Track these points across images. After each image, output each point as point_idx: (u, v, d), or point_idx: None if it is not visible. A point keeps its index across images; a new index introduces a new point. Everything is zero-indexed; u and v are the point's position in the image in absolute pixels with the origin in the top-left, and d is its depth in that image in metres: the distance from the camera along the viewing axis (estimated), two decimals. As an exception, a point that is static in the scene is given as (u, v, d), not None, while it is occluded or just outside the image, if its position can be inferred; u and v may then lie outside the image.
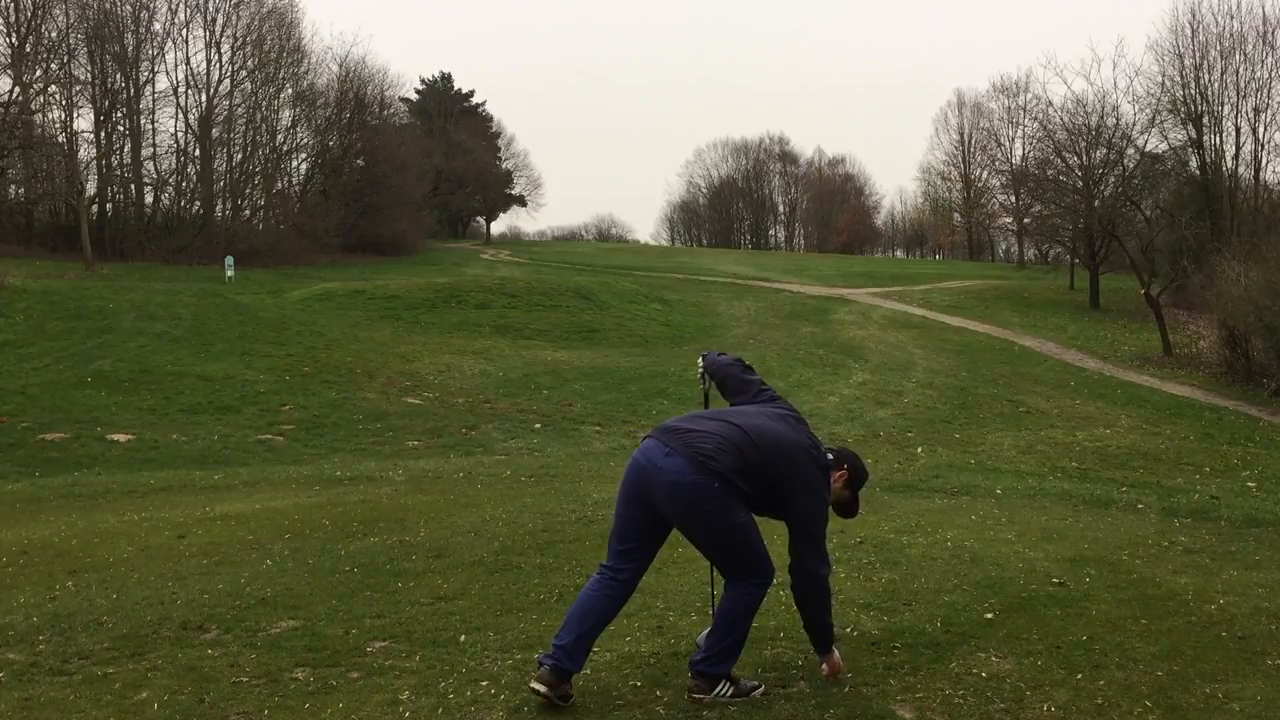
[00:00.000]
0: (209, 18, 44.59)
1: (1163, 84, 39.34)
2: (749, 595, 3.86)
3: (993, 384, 22.06)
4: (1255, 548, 6.83)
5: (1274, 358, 22.59)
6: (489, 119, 74.44)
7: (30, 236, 39.93)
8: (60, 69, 39.93)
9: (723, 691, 3.80)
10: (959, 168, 68.59)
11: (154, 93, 44.19)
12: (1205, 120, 39.48)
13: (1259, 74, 39.75)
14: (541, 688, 3.66)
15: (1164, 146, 38.70)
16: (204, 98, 44.54)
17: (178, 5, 44.15)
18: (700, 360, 4.48)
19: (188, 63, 45.07)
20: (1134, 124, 36.68)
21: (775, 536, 4.05)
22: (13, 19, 39.25)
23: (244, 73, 45.37)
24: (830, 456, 4.05)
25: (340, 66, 50.10)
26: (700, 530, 3.81)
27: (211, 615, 4.94)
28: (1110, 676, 4.08)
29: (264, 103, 46.21)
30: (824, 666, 4.03)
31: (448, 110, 69.38)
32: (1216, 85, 39.81)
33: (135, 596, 5.39)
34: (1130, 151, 36.45)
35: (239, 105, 45.36)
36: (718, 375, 4.35)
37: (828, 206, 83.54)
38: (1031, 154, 48.74)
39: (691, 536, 3.87)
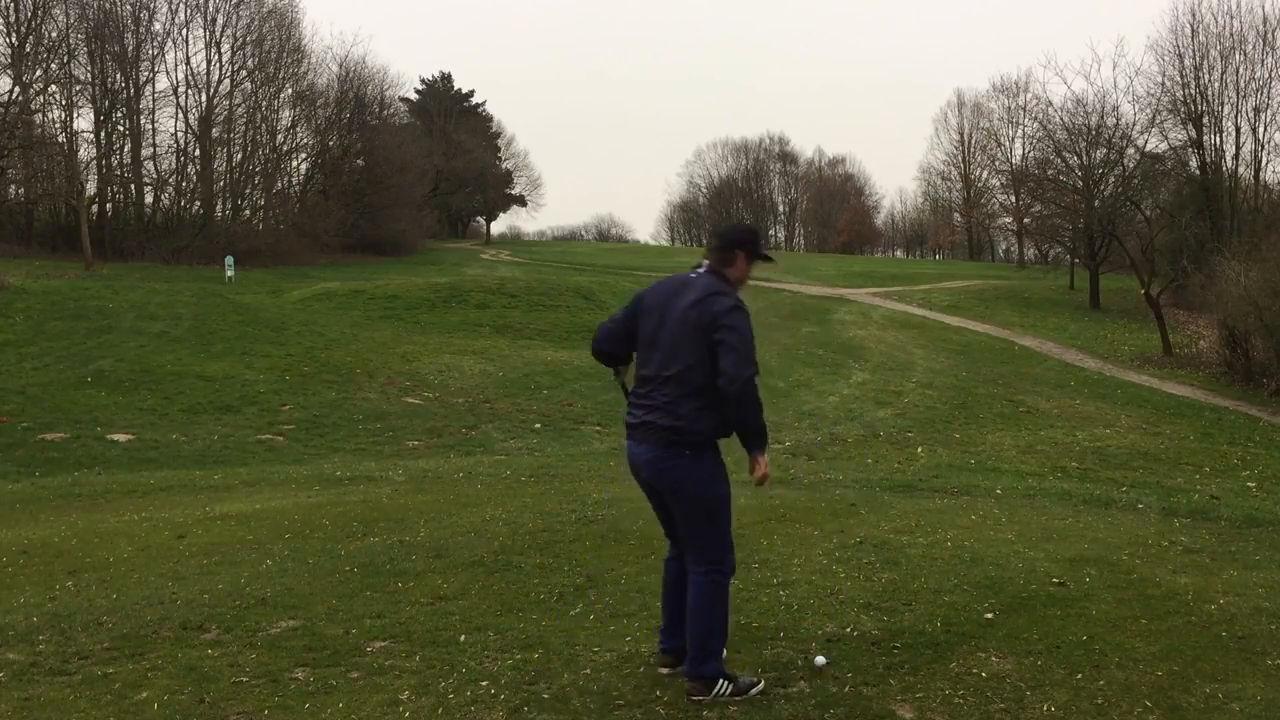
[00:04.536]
0: (209, 18, 44.63)
1: (1163, 84, 39.42)
2: (713, 583, 3.90)
3: (993, 384, 22.06)
4: (1255, 548, 6.82)
5: (1274, 358, 22.60)
6: (489, 119, 74.51)
7: (30, 236, 39.90)
8: (60, 69, 39.91)
9: (722, 690, 3.83)
10: (959, 168, 68.65)
11: (154, 93, 44.22)
12: (1205, 120, 39.50)
13: (1259, 74, 39.82)
14: (665, 670, 4.09)
15: (1164, 146, 38.79)
16: (204, 98, 44.56)
17: (178, 5, 44.18)
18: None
19: (188, 63, 45.12)
20: (1134, 124, 36.79)
21: (776, 538, 4.04)
22: (13, 19, 39.27)
23: (244, 73, 45.38)
24: (723, 272, 3.98)
25: (340, 66, 50.17)
26: (682, 501, 3.92)
27: (211, 615, 4.94)
28: (1110, 676, 4.08)
29: (264, 103, 46.22)
30: (753, 465, 3.92)
31: (448, 110, 69.39)
32: (1216, 85, 39.86)
33: (135, 596, 5.39)
34: (1130, 151, 36.52)
35: (239, 105, 45.38)
36: (608, 352, 4.20)
37: (828, 206, 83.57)
38: (1031, 154, 48.88)
39: (674, 508, 3.98)
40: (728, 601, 3.96)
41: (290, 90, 47.18)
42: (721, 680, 3.85)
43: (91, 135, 41.92)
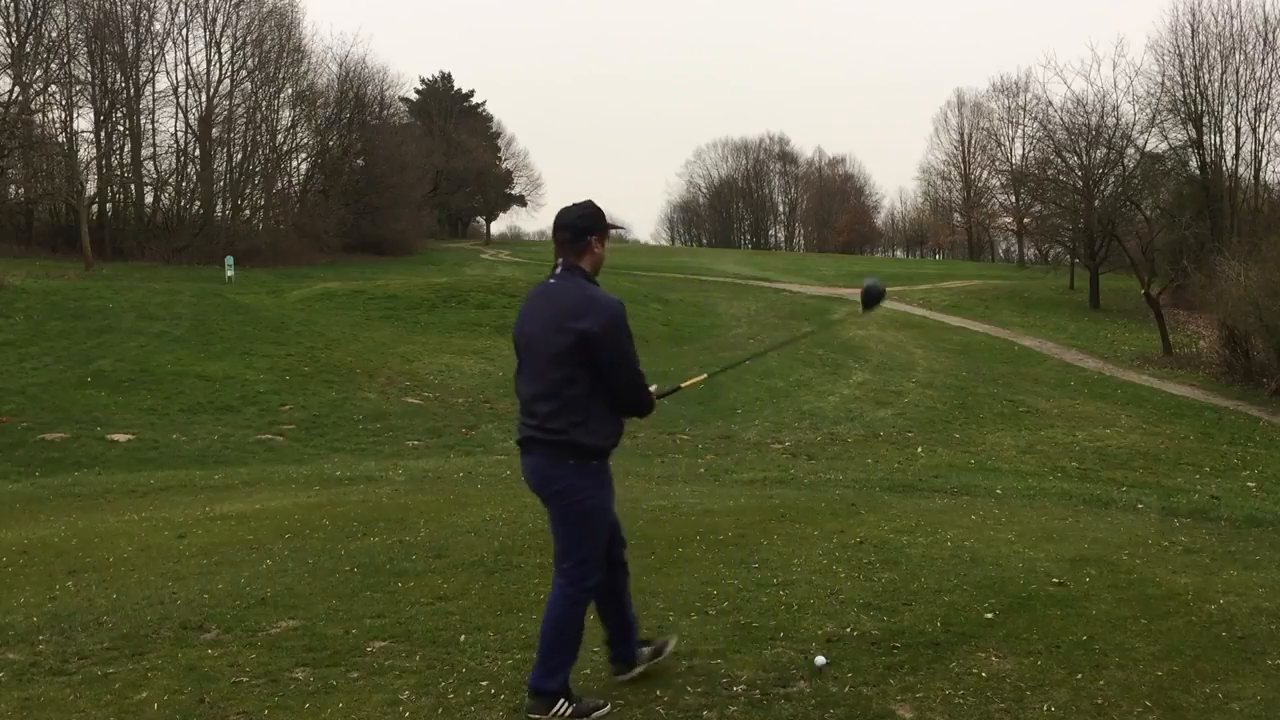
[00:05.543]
0: (209, 17, 44.59)
1: (1163, 84, 39.40)
2: (569, 599, 3.76)
3: (993, 384, 22.06)
4: (1255, 548, 6.83)
5: (1274, 358, 22.59)
6: (489, 119, 74.44)
7: (30, 236, 39.87)
8: (60, 69, 39.89)
9: (561, 710, 3.66)
10: (959, 168, 68.67)
11: (154, 93, 44.18)
12: (1205, 120, 39.50)
13: (1259, 74, 39.82)
14: (620, 677, 4.03)
15: (1164, 146, 38.78)
16: (204, 98, 44.53)
17: (178, 5, 44.14)
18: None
19: (188, 63, 45.13)
20: (1134, 124, 36.75)
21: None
22: (13, 19, 39.26)
23: (244, 73, 45.34)
24: (580, 266, 3.82)
25: (340, 66, 50.08)
26: (559, 510, 3.80)
27: (211, 615, 4.94)
28: (1110, 676, 4.08)
29: (264, 103, 46.17)
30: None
31: (448, 110, 69.31)
32: (1216, 85, 39.86)
33: (135, 596, 5.39)
34: (1130, 151, 36.48)
35: (239, 105, 45.32)
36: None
37: (828, 206, 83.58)
38: (1031, 154, 48.80)
39: (552, 516, 3.86)
40: (582, 621, 3.79)
41: (290, 90, 47.15)
42: (562, 700, 3.67)
43: (91, 135, 41.94)
